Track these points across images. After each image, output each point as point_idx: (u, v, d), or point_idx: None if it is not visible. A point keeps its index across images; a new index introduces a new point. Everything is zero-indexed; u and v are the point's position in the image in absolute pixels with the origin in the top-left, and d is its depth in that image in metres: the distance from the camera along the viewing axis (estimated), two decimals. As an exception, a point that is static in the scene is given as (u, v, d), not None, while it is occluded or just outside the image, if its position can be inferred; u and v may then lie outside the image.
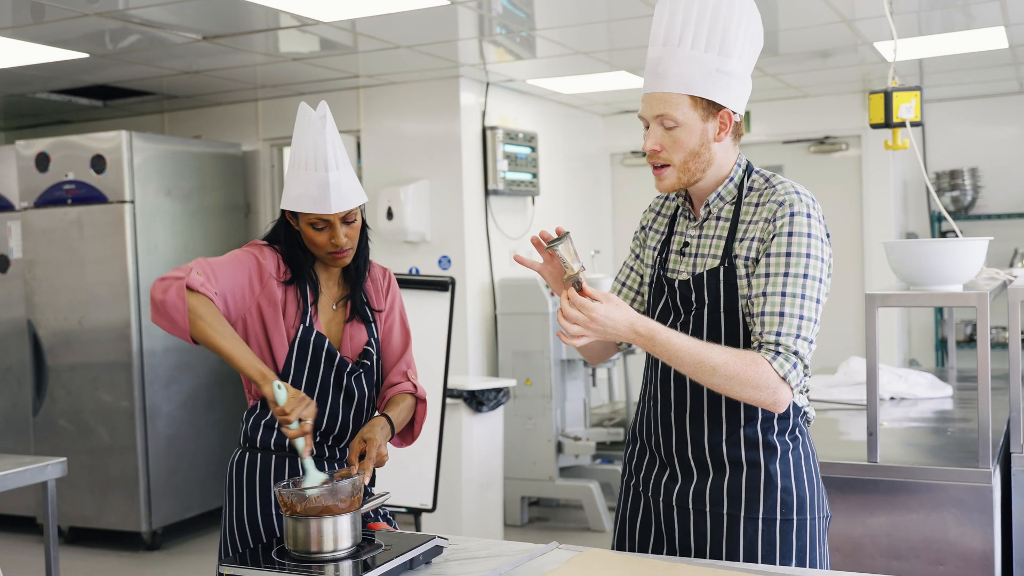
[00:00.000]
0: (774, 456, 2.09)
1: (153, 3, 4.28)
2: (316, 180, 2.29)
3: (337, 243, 2.33)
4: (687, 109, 2.04)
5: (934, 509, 2.86)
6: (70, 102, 6.69)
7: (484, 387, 5.35)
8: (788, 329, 1.97)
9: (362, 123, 6.49)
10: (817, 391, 4.11)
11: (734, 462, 2.10)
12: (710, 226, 2.14)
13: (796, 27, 5.17)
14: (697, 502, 2.12)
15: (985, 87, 7.15)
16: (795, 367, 1.97)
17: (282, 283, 2.35)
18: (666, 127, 2.06)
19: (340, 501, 2.04)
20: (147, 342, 5.81)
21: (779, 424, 2.10)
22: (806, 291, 1.99)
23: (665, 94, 2.04)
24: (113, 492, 5.84)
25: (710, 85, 2.02)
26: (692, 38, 2.02)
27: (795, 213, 2.02)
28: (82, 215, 5.82)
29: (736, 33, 2.03)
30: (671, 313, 2.16)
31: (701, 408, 2.12)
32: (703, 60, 2.02)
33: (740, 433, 2.09)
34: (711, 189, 2.13)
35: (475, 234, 6.28)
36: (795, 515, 2.09)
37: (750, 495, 2.08)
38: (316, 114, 2.33)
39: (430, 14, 4.62)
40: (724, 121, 2.06)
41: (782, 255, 2.01)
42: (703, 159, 2.07)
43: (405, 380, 2.51)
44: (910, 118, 3.52)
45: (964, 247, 2.93)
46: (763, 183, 2.11)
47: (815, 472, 2.15)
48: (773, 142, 7.75)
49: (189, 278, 2.17)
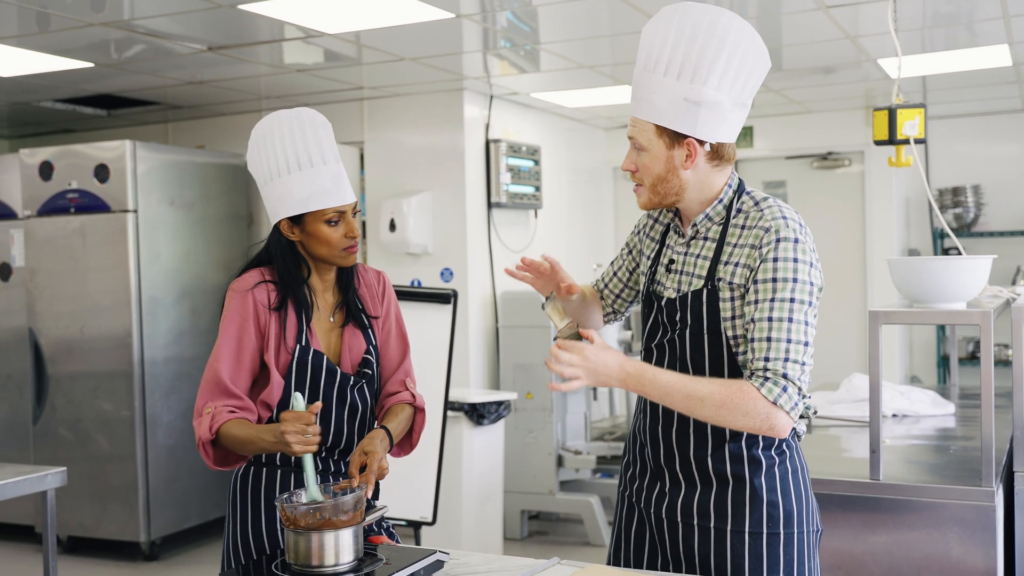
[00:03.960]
0: (759, 470, 2.11)
1: (158, 13, 4.30)
2: (327, 173, 2.27)
3: (353, 234, 2.33)
4: (652, 136, 2.08)
5: (936, 527, 2.86)
6: (74, 111, 6.71)
7: (485, 400, 5.35)
8: (776, 354, 1.98)
9: (365, 135, 6.51)
10: (819, 408, 4.10)
11: (720, 476, 2.13)
12: (696, 245, 2.16)
13: (800, 43, 5.18)
14: (686, 515, 2.15)
15: (988, 105, 7.16)
16: (785, 390, 1.97)
17: (274, 309, 2.33)
18: (638, 150, 2.11)
19: (343, 515, 2.03)
20: (148, 351, 5.81)
21: (764, 440, 2.12)
22: (793, 314, 1.99)
23: (636, 119, 2.10)
24: (112, 501, 5.83)
25: (674, 114, 2.04)
26: (666, 65, 2.04)
27: (781, 239, 2.02)
28: (85, 224, 5.83)
29: (715, 60, 2.01)
30: (660, 328, 2.19)
31: (687, 422, 2.15)
32: (672, 88, 2.03)
33: (725, 448, 2.12)
34: (699, 210, 2.15)
35: (477, 247, 6.29)
36: (782, 529, 2.11)
37: (736, 509, 2.11)
38: (289, 115, 2.32)
39: (435, 27, 4.63)
40: (690, 151, 2.06)
41: (768, 281, 2.01)
42: (672, 184, 2.10)
43: (403, 389, 2.50)
44: (914, 135, 3.52)
45: (968, 265, 2.93)
46: (752, 206, 2.12)
47: (804, 486, 2.17)
48: (776, 157, 7.76)
49: (201, 435, 2.24)
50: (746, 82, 2.06)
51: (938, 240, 7.37)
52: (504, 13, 4.49)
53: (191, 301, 6.14)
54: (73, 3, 4.13)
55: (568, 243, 7.29)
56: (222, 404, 2.25)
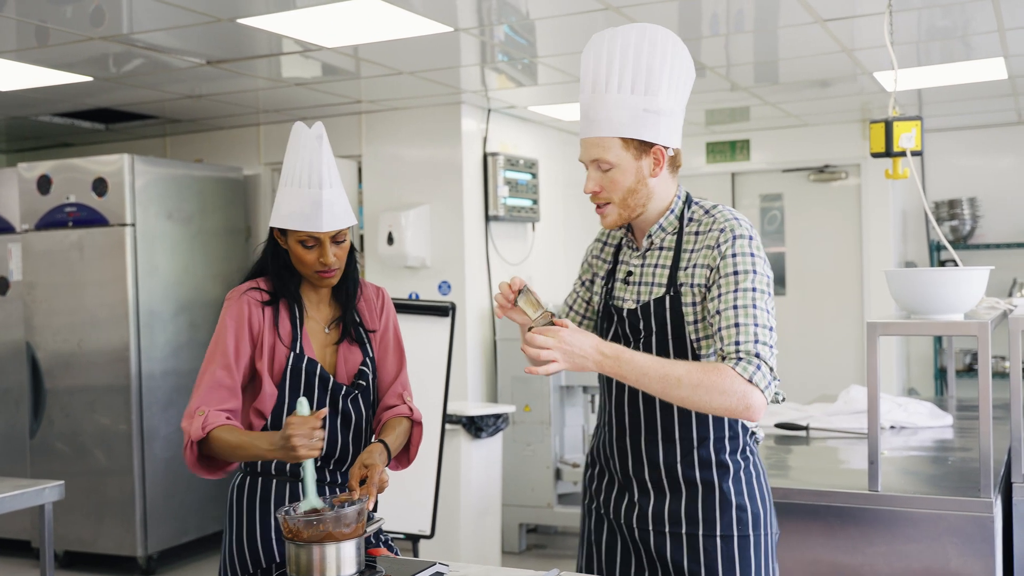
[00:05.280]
0: (727, 475, 2.19)
1: (157, 28, 4.31)
2: (309, 197, 2.29)
3: (326, 262, 2.33)
4: (619, 151, 2.14)
5: (935, 539, 2.86)
6: (72, 125, 6.72)
7: (483, 413, 5.35)
8: (745, 336, 2.05)
9: (363, 148, 6.52)
10: (817, 419, 4.11)
11: (689, 483, 2.19)
12: (653, 255, 2.24)
13: (796, 56, 5.21)
14: (657, 523, 2.21)
15: (984, 117, 7.19)
16: (759, 368, 2.03)
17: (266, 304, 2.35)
18: (603, 170, 2.16)
19: (344, 527, 2.03)
20: (146, 365, 5.81)
21: (731, 444, 2.20)
22: (756, 302, 2.09)
23: (598, 139, 2.15)
24: (109, 516, 5.82)
25: (639, 125, 2.11)
26: (618, 82, 2.11)
27: (737, 236, 2.12)
28: (83, 238, 5.83)
29: (661, 71, 2.11)
30: (622, 341, 2.24)
31: (655, 429, 2.21)
32: (630, 102, 2.11)
33: (694, 454, 2.19)
34: (653, 221, 2.23)
35: (475, 260, 6.30)
36: (750, 531, 2.19)
37: (707, 514, 2.18)
38: (312, 132, 2.34)
39: (433, 41, 4.65)
40: (657, 157, 2.16)
41: (730, 274, 2.10)
42: (641, 195, 2.17)
43: (401, 403, 2.51)
44: (911, 147, 3.54)
45: (966, 276, 2.94)
46: (703, 214, 2.22)
47: (766, 490, 2.26)
48: (772, 170, 7.79)
49: (192, 433, 2.23)
50: (684, 88, 2.18)
51: (934, 252, 7.39)
52: (502, 27, 4.51)
53: (189, 315, 6.14)
54: (72, 17, 4.14)
55: (566, 256, 7.30)
56: (216, 407, 2.26)
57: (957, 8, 4.33)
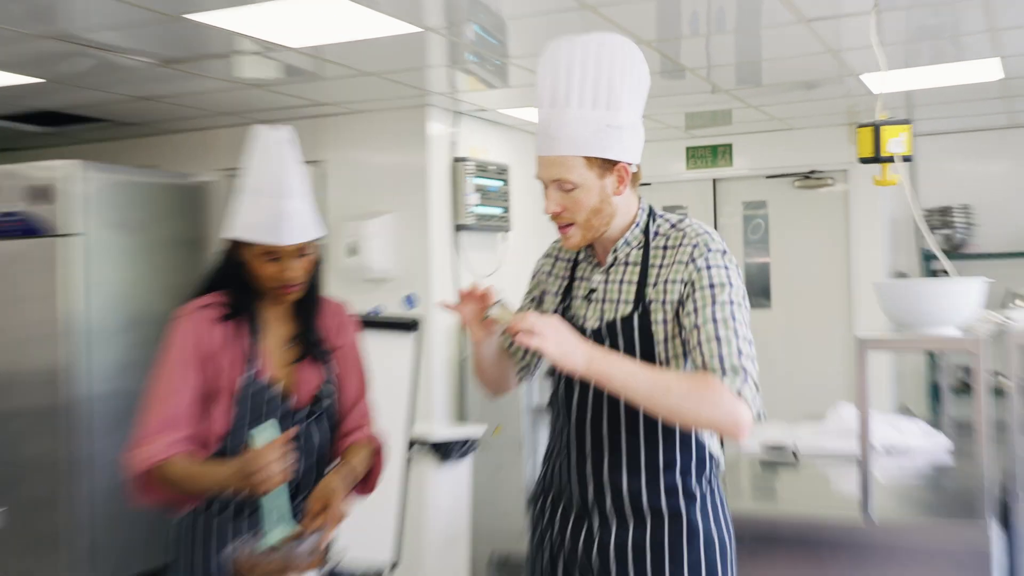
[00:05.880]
0: (694, 504, 2.18)
1: (107, 26, 4.25)
2: (273, 208, 2.23)
3: (287, 277, 2.28)
4: (583, 170, 2.12)
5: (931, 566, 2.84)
6: (15, 128, 6.63)
7: (451, 438, 5.30)
8: (728, 350, 2.04)
9: (324, 153, 6.47)
10: (805, 439, 4.09)
11: (655, 511, 2.16)
12: (618, 271, 2.22)
13: (780, 57, 5.22)
14: (620, 555, 2.16)
15: (976, 121, 7.24)
16: (746, 381, 2.03)
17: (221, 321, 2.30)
18: (565, 190, 2.14)
19: (300, 561, 1.99)
20: (91, 385, 5.71)
21: (697, 469, 2.18)
22: (735, 314, 2.09)
23: (559, 157, 2.12)
24: (50, 547, 5.71)
25: (602, 142, 2.09)
26: (579, 97, 2.09)
27: (711, 250, 2.14)
28: (26, 249, 5.74)
29: (622, 85, 2.09)
30: None
31: (619, 455, 2.17)
32: (592, 118, 2.08)
33: (660, 480, 2.16)
34: (617, 236, 2.22)
35: (443, 272, 6.25)
36: (718, 560, 2.17)
37: (673, 546, 2.14)
38: (277, 136, 2.29)
39: (399, 41, 4.62)
40: (621, 175, 2.15)
41: (706, 288, 2.10)
42: (605, 214, 2.17)
43: (362, 428, 2.47)
44: (900, 152, 3.54)
45: (960, 288, 2.94)
46: (669, 228, 2.21)
47: (730, 520, 2.25)
48: (756, 176, 7.80)
49: (137, 464, 2.21)
50: (643, 100, 2.17)
51: (926, 262, 7.41)
52: (471, 26, 4.49)
53: (138, 331, 6.05)
54: (16, 14, 4.07)
55: (539, 267, 7.27)
56: (163, 437, 2.21)
57: (946, 7, 4.35)
